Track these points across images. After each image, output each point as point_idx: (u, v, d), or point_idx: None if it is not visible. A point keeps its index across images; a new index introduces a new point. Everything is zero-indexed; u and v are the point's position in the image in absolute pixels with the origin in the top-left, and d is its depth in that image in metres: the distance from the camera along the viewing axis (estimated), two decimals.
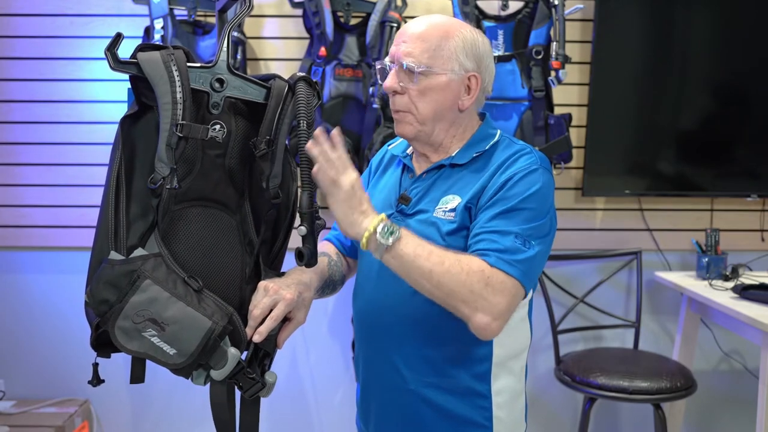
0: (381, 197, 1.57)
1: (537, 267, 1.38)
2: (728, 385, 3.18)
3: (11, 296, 3.08)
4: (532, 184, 1.39)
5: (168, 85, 1.28)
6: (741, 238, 3.12)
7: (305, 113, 1.36)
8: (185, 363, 1.27)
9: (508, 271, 1.32)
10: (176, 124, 1.27)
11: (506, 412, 1.48)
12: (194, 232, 1.38)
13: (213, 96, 1.34)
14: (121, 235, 1.30)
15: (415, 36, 1.43)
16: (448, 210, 1.43)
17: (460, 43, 1.44)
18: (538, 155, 1.45)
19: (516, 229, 1.35)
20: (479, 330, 1.32)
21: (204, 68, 1.34)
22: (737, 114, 3.03)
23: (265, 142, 1.36)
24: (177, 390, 3.04)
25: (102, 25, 2.95)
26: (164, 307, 1.26)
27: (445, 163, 1.48)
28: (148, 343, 1.26)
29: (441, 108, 1.45)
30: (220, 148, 1.38)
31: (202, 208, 1.39)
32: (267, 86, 1.39)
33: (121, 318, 1.26)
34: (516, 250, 1.33)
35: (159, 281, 1.28)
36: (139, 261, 1.29)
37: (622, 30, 2.96)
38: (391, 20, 2.71)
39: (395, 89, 1.46)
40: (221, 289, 1.37)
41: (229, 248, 1.41)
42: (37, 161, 3.00)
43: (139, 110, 1.35)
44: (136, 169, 1.33)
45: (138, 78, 1.31)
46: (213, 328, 1.27)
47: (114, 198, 1.31)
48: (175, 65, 1.29)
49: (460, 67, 1.44)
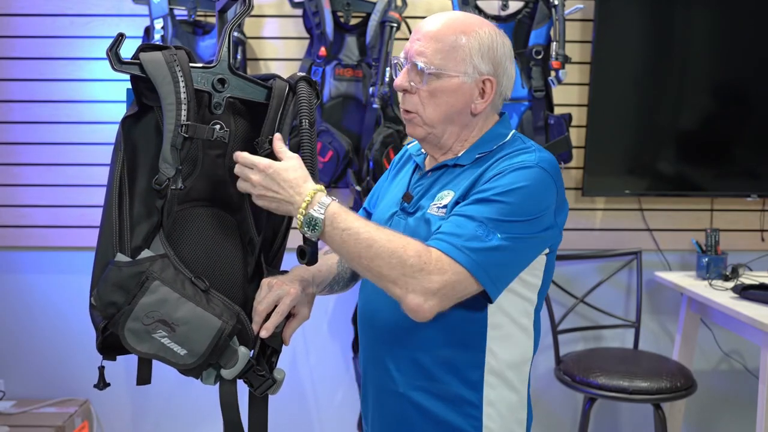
0: (391, 195, 1.55)
1: (499, 262, 1.29)
2: (728, 385, 3.18)
3: (11, 296, 3.08)
4: (518, 180, 1.31)
5: (172, 85, 1.27)
6: (741, 238, 3.12)
7: (307, 112, 1.36)
8: (196, 363, 1.28)
9: (453, 255, 1.25)
10: (182, 124, 1.27)
11: (499, 425, 1.41)
12: (197, 232, 1.38)
13: (215, 96, 1.34)
14: (125, 237, 1.30)
15: (430, 35, 1.37)
16: (441, 206, 1.38)
17: (476, 44, 1.37)
18: (539, 155, 1.36)
19: (481, 217, 1.28)
20: (410, 311, 1.27)
21: (205, 68, 1.34)
22: (737, 114, 3.03)
23: (267, 141, 1.36)
24: (177, 390, 3.04)
25: (102, 25, 2.95)
26: (174, 308, 1.27)
27: (448, 163, 1.44)
28: (159, 344, 1.27)
29: (451, 111, 1.40)
30: (221, 148, 1.38)
31: (204, 209, 1.39)
32: (268, 86, 1.39)
33: (130, 320, 1.26)
34: (472, 238, 1.26)
35: (168, 282, 1.28)
36: (147, 262, 1.28)
37: (622, 30, 2.96)
38: (391, 20, 2.71)
39: (405, 88, 1.40)
40: (225, 289, 1.37)
41: (231, 248, 1.41)
42: (37, 161, 3.00)
43: (140, 111, 1.34)
44: (138, 170, 1.33)
45: (139, 78, 1.30)
46: (223, 328, 1.28)
47: (117, 199, 1.31)
48: (178, 66, 1.29)
49: (475, 69, 1.37)
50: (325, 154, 2.71)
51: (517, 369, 1.43)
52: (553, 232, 1.38)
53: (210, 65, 1.35)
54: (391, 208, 1.50)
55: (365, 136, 2.76)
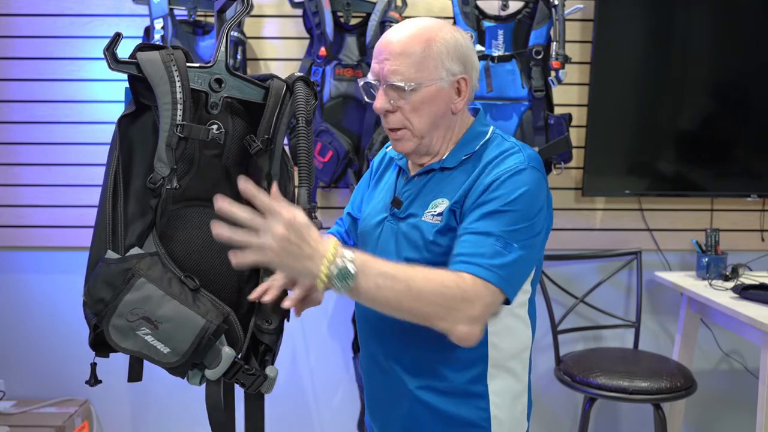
0: (378, 199, 1.57)
1: (519, 271, 1.35)
2: (728, 385, 3.18)
3: (11, 296, 3.08)
4: (518, 185, 1.35)
5: (168, 85, 1.28)
6: (741, 238, 3.12)
7: (304, 111, 1.37)
8: (179, 362, 1.28)
9: (485, 277, 1.29)
10: (177, 124, 1.27)
11: (505, 413, 1.46)
12: (192, 231, 1.38)
13: (211, 96, 1.35)
14: (119, 235, 1.31)
15: (397, 51, 1.38)
16: (436, 214, 1.41)
17: (443, 48, 1.39)
18: (526, 154, 1.41)
19: (497, 231, 1.32)
20: (460, 341, 1.30)
21: (203, 68, 1.34)
22: (737, 114, 3.03)
23: (263, 141, 1.36)
24: (177, 390, 3.04)
25: (102, 25, 2.95)
26: (158, 305, 1.27)
27: (435, 167, 1.46)
28: (142, 341, 1.27)
29: (435, 117, 1.43)
30: (218, 147, 1.38)
31: (200, 208, 1.39)
32: (265, 86, 1.40)
33: (115, 316, 1.27)
34: (495, 254, 1.30)
35: (153, 279, 1.28)
36: (134, 259, 1.29)
37: (622, 30, 2.95)
38: (391, 20, 2.71)
39: (387, 109, 1.42)
40: (219, 289, 1.37)
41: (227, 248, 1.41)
42: (37, 161, 3.00)
43: (137, 110, 1.35)
44: (134, 169, 1.34)
45: (136, 78, 1.31)
46: (207, 327, 1.28)
47: (111, 198, 1.32)
48: (175, 65, 1.29)
49: (448, 72, 1.40)
50: (325, 154, 2.71)
51: (519, 357, 1.48)
52: (548, 219, 1.44)
53: (207, 65, 1.35)
54: (380, 213, 1.52)
55: (365, 136, 2.76)
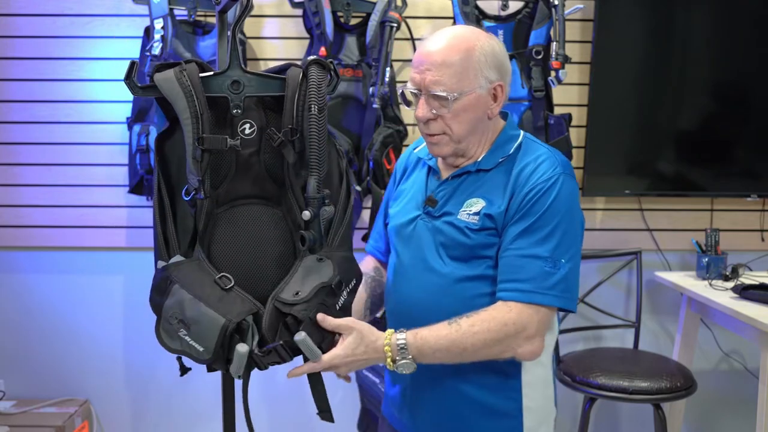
0: (407, 198, 1.62)
1: (572, 281, 1.44)
2: (728, 385, 3.18)
3: (11, 296, 3.08)
4: (554, 197, 1.43)
5: (185, 101, 1.33)
6: (741, 238, 3.12)
7: (316, 97, 1.37)
8: (212, 359, 1.33)
9: (541, 302, 1.39)
10: (197, 138, 1.32)
11: (536, 403, 1.53)
12: (236, 229, 1.43)
13: (233, 99, 1.39)
14: (172, 245, 1.39)
15: (438, 62, 1.44)
16: (472, 213, 1.48)
17: (482, 57, 1.46)
18: (559, 160, 1.49)
19: (544, 252, 1.40)
20: (526, 359, 1.45)
21: (218, 75, 1.39)
22: (737, 114, 3.03)
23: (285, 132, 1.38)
24: (177, 390, 3.03)
25: (102, 25, 2.95)
26: (188, 309, 1.33)
27: (471, 169, 1.53)
28: (184, 341, 1.34)
29: (474, 123, 1.49)
30: (254, 145, 1.42)
31: (245, 207, 1.44)
32: (283, 77, 1.42)
33: (163, 321, 1.35)
34: (545, 276, 1.39)
35: (186, 285, 1.34)
36: (172, 267, 1.36)
37: (622, 30, 2.96)
38: (391, 20, 2.71)
39: (429, 117, 1.48)
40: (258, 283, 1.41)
41: (277, 239, 1.45)
42: (37, 161, 3.00)
43: (171, 127, 1.41)
44: (179, 183, 1.41)
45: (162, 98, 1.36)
46: (226, 325, 1.31)
47: (159, 213, 1.39)
48: (188, 80, 1.33)
49: (486, 80, 1.47)
50: None
51: (546, 348, 1.53)
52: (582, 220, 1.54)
53: (223, 71, 1.39)
54: (413, 211, 1.58)
55: (365, 136, 2.76)
